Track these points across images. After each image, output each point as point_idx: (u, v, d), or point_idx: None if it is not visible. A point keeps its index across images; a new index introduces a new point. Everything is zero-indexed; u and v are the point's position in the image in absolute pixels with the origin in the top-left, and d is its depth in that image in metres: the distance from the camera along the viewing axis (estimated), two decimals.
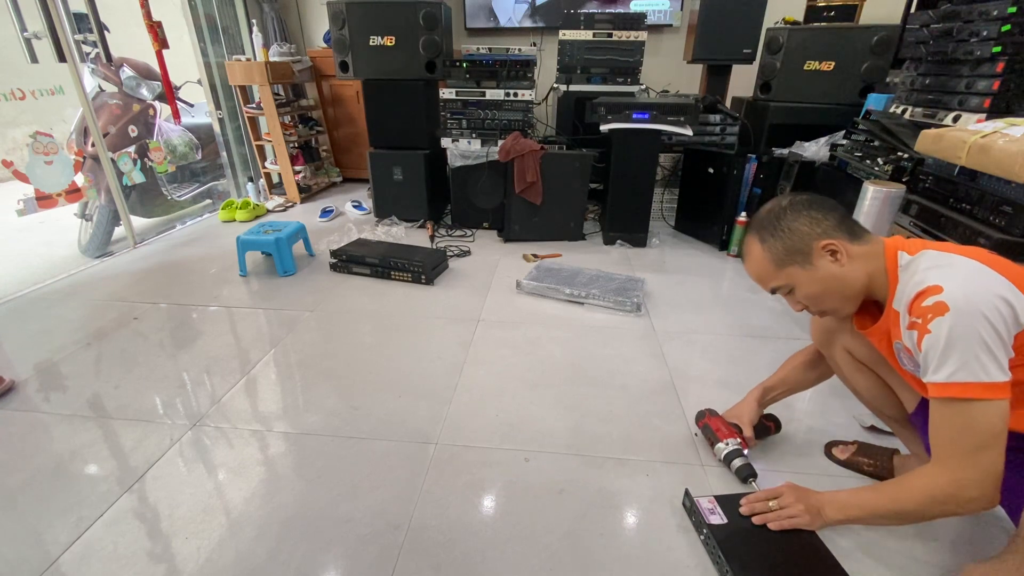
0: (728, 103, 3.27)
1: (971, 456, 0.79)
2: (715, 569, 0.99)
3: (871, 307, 1.00)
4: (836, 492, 1.00)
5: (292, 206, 3.56)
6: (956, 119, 1.69)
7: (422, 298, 2.17)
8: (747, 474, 1.18)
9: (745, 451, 1.22)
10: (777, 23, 2.77)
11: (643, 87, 3.13)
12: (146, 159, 2.94)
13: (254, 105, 3.48)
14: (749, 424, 1.25)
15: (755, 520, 1.04)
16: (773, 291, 1.00)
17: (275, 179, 3.71)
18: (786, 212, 0.95)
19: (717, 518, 1.04)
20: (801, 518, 0.99)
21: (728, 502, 1.08)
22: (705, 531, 1.03)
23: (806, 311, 1.01)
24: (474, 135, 2.85)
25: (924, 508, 0.85)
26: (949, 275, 0.79)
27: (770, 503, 1.04)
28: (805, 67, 2.70)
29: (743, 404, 1.29)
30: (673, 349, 1.77)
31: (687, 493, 1.11)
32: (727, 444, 1.22)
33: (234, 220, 3.22)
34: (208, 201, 3.64)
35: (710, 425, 1.28)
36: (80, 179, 2.62)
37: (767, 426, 1.31)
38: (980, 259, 0.81)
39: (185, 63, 3.32)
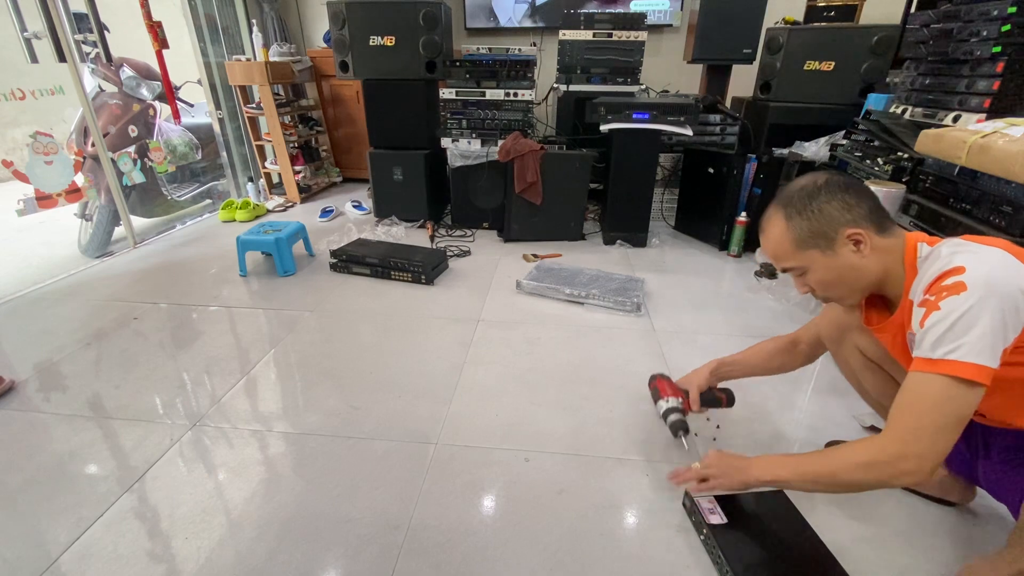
0: (728, 103, 3.27)
1: (930, 434, 0.78)
2: (715, 569, 0.99)
3: (878, 302, 0.99)
4: (768, 455, 1.01)
5: (292, 206, 3.56)
6: (956, 119, 1.68)
7: (422, 298, 2.16)
8: (679, 428, 1.22)
9: (687, 413, 1.26)
10: (777, 23, 2.77)
11: (643, 87, 3.13)
12: (146, 159, 2.94)
13: (254, 105, 3.48)
14: (696, 389, 1.28)
15: (675, 482, 1.10)
16: (784, 270, 0.97)
17: (275, 179, 3.71)
18: (821, 192, 0.90)
19: (717, 518, 1.04)
20: (718, 479, 1.01)
21: (728, 502, 1.08)
22: (705, 531, 1.03)
23: (810, 294, 0.98)
24: (474, 135, 2.85)
25: (858, 474, 0.84)
26: (973, 259, 0.77)
27: (694, 465, 1.06)
28: (805, 67, 2.69)
29: (696, 372, 1.31)
30: (673, 349, 1.77)
31: (687, 493, 1.11)
32: (667, 401, 1.27)
33: (234, 220, 3.22)
34: (208, 201, 3.64)
35: (657, 386, 1.32)
36: (80, 179, 2.62)
37: (718, 397, 1.31)
38: (1006, 249, 0.79)
39: (185, 63, 3.32)
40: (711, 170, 2.67)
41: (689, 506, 1.11)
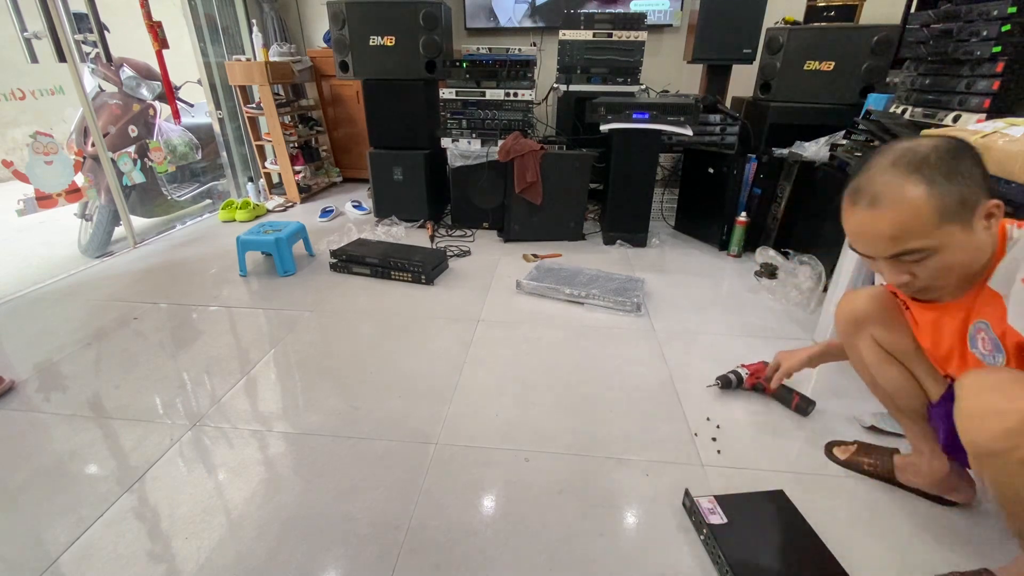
0: (728, 103, 3.27)
1: None
2: (715, 569, 0.99)
3: None
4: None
5: (292, 206, 3.56)
6: (956, 119, 1.68)
7: (422, 298, 2.16)
8: (719, 377, 1.51)
9: (746, 384, 1.51)
10: (777, 23, 2.77)
11: (643, 87, 3.13)
12: (146, 159, 2.94)
13: (254, 105, 3.48)
14: (785, 374, 1.32)
15: None
16: (898, 255, 0.77)
17: (275, 179, 3.71)
18: (965, 154, 0.73)
19: (717, 518, 1.04)
20: None
21: (728, 502, 1.08)
22: (705, 531, 1.03)
23: (906, 286, 0.82)
24: (474, 135, 2.85)
25: None
26: None
27: None
28: (805, 67, 2.69)
29: (801, 351, 1.30)
30: (673, 349, 1.77)
31: (687, 493, 1.11)
32: (739, 367, 1.54)
33: (234, 220, 3.22)
34: (208, 201, 3.64)
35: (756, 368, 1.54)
36: (80, 179, 2.62)
37: (790, 397, 1.44)
38: None
39: (185, 63, 3.32)
40: (711, 170, 2.66)
41: (689, 506, 1.11)
